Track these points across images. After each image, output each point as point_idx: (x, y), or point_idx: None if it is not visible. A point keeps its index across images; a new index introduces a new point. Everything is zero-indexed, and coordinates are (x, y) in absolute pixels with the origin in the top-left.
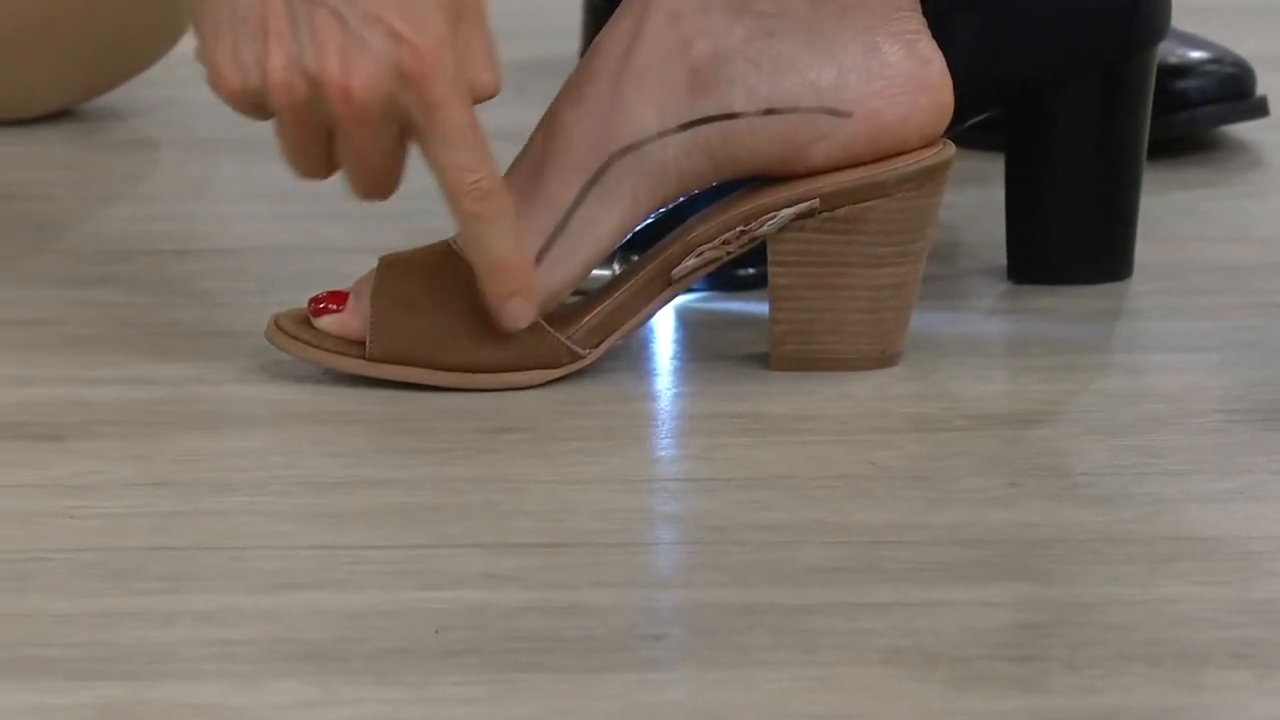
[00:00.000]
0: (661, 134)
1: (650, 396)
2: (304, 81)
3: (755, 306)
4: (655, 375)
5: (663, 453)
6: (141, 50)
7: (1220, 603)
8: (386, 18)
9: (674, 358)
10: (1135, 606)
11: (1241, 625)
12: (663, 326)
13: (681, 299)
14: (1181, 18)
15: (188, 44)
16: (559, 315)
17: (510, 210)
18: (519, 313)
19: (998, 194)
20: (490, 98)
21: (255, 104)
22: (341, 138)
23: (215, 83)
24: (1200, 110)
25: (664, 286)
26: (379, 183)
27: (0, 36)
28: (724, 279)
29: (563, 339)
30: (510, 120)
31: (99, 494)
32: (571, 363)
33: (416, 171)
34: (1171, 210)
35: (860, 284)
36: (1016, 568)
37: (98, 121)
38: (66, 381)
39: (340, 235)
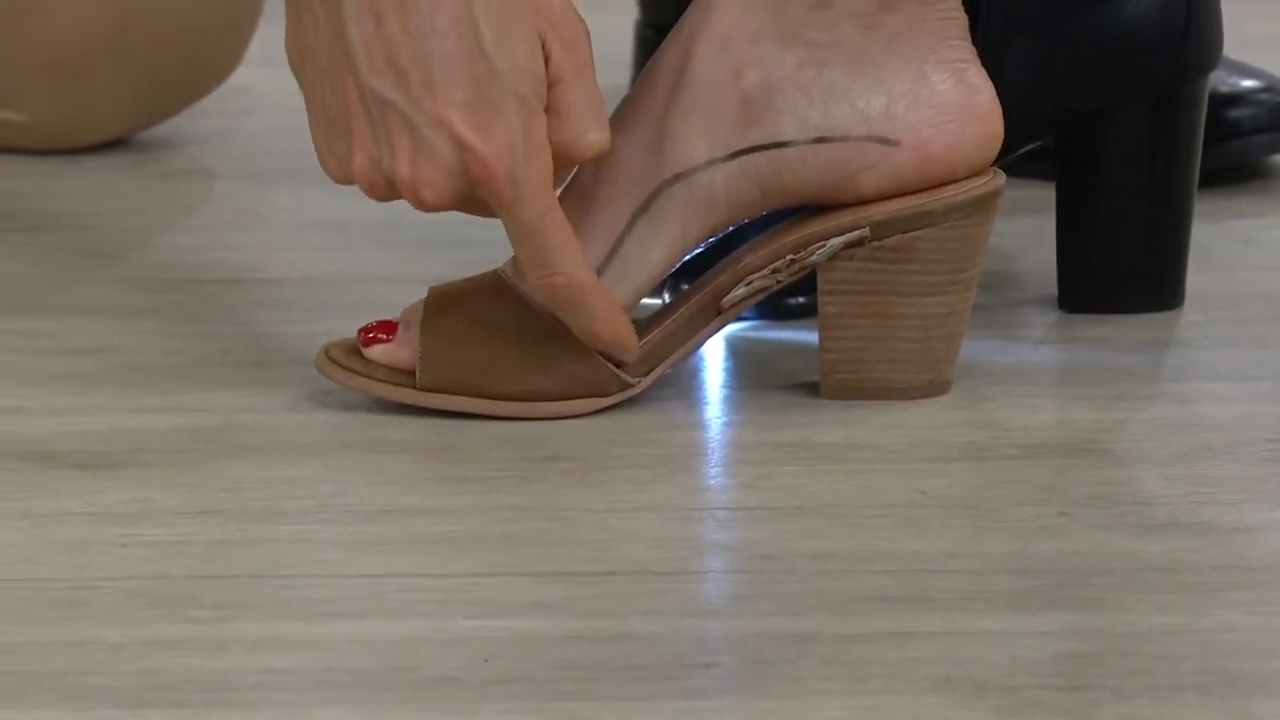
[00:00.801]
0: (711, 163)
1: (700, 425)
2: (384, 182)
3: (805, 335)
4: (705, 404)
5: (712, 481)
6: (197, 80)
7: (1272, 632)
8: (451, 121)
9: (724, 386)
10: (1185, 636)
11: None
12: (712, 355)
13: (731, 328)
14: (1233, 47)
15: (242, 74)
16: None
17: (588, 293)
18: (623, 355)
19: (1048, 223)
20: (597, 154)
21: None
22: None
23: (324, 169)
24: (1252, 139)
25: (714, 315)
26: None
27: (57, 66)
28: (774, 308)
29: (612, 367)
30: None
31: (148, 522)
32: (621, 391)
33: None
34: (1223, 239)
35: (910, 313)
36: (1066, 597)
37: (151, 151)
38: (116, 410)
39: (390, 265)
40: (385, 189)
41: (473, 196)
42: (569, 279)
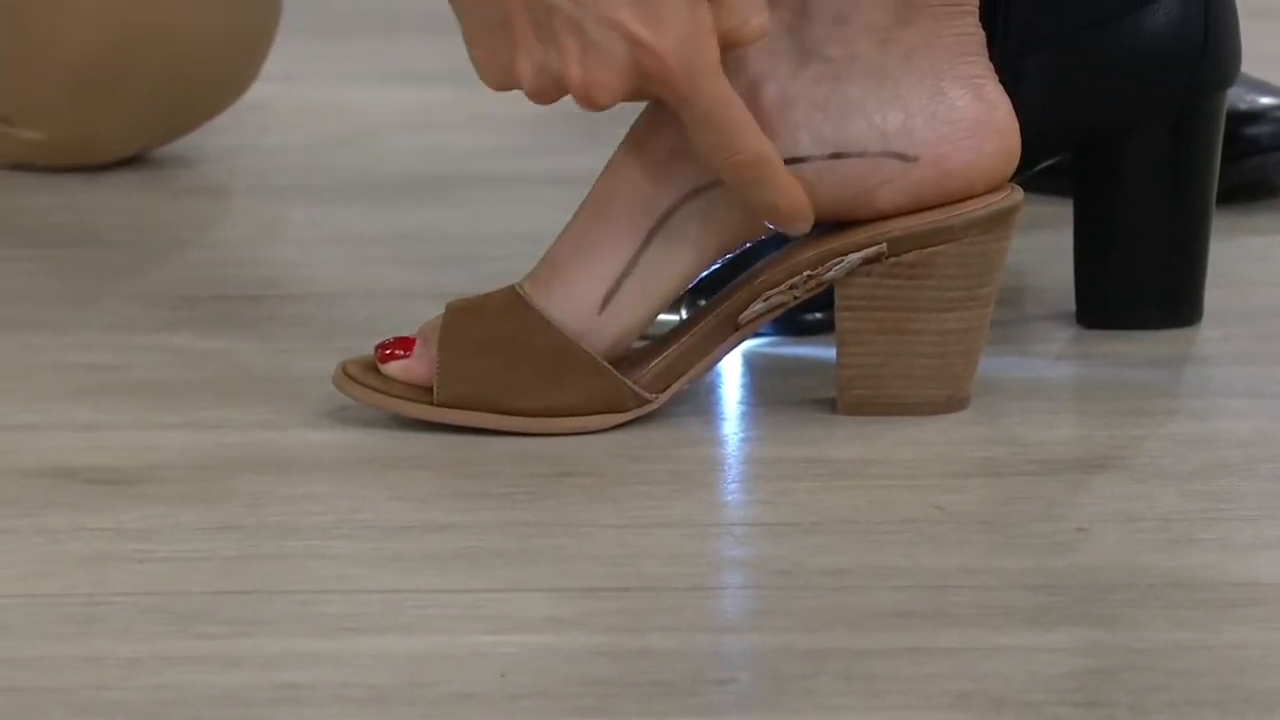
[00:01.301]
0: None
1: (717, 441)
2: (553, 84)
3: (822, 351)
4: (722, 420)
5: (729, 497)
6: (213, 96)
7: None
8: (623, 20)
9: (741, 402)
10: (1203, 652)
11: None
12: (729, 371)
13: (748, 344)
14: (1252, 63)
15: (258, 91)
16: (625, 360)
17: (772, 166)
18: (799, 226)
19: (1066, 239)
20: (760, 38)
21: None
22: None
23: (483, 79)
24: (1271, 156)
25: (731, 331)
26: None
27: (74, 85)
28: (791, 324)
29: (629, 384)
30: (582, 165)
31: (164, 538)
32: (638, 407)
33: (484, 216)
34: (1242, 256)
35: (928, 329)
36: (1084, 613)
37: (167, 168)
38: (134, 426)
39: (407, 280)
40: (554, 92)
41: (643, 91)
42: (753, 155)
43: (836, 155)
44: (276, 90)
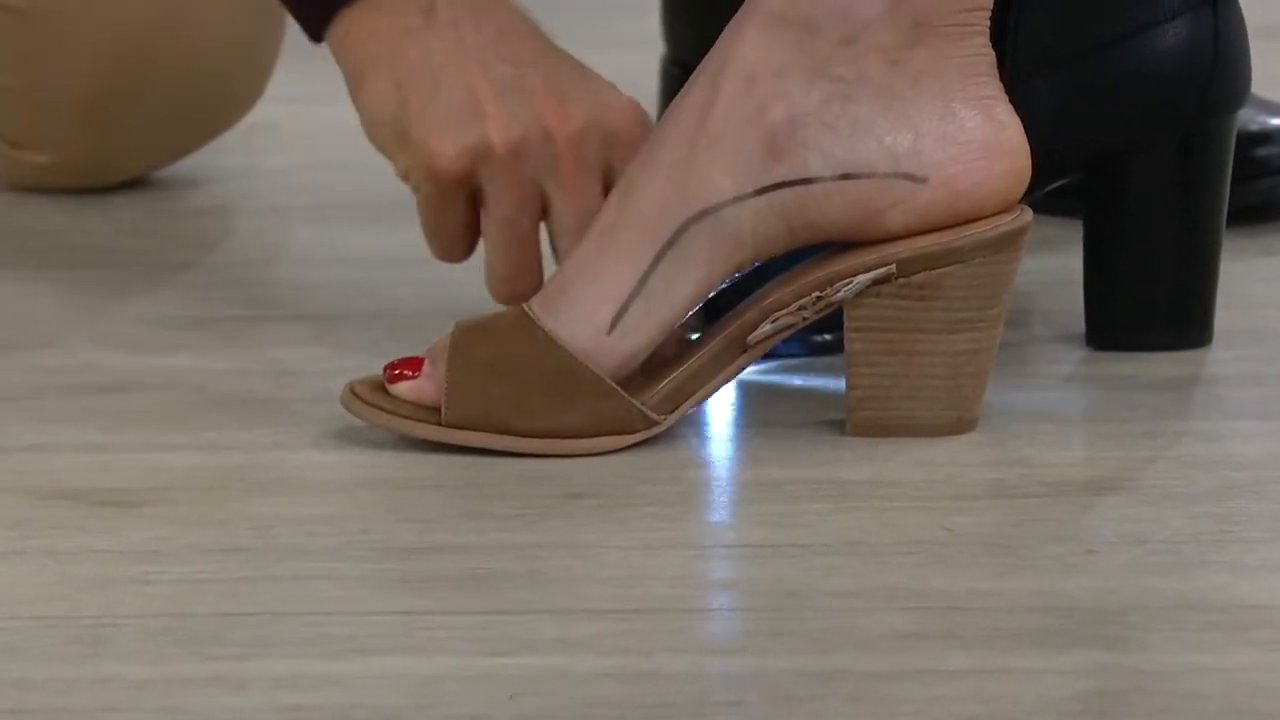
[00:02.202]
0: (737, 199)
1: (725, 462)
2: (524, 124)
3: (831, 372)
4: (730, 441)
5: (738, 519)
6: (218, 116)
7: None
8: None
9: (749, 424)
10: (1212, 675)
11: None
12: (738, 393)
13: (757, 365)
14: (1262, 84)
15: (266, 112)
16: (634, 381)
17: None
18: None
19: (1075, 260)
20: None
21: (465, 179)
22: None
23: (434, 165)
24: None
25: (740, 352)
26: (527, 256)
27: (79, 108)
28: (800, 345)
29: (638, 405)
30: None
31: (172, 559)
32: (646, 428)
33: None
34: (1252, 277)
35: (937, 350)
36: (1093, 635)
37: (175, 189)
38: (140, 447)
39: (415, 301)
40: (528, 130)
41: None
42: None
43: (846, 176)
44: (285, 111)
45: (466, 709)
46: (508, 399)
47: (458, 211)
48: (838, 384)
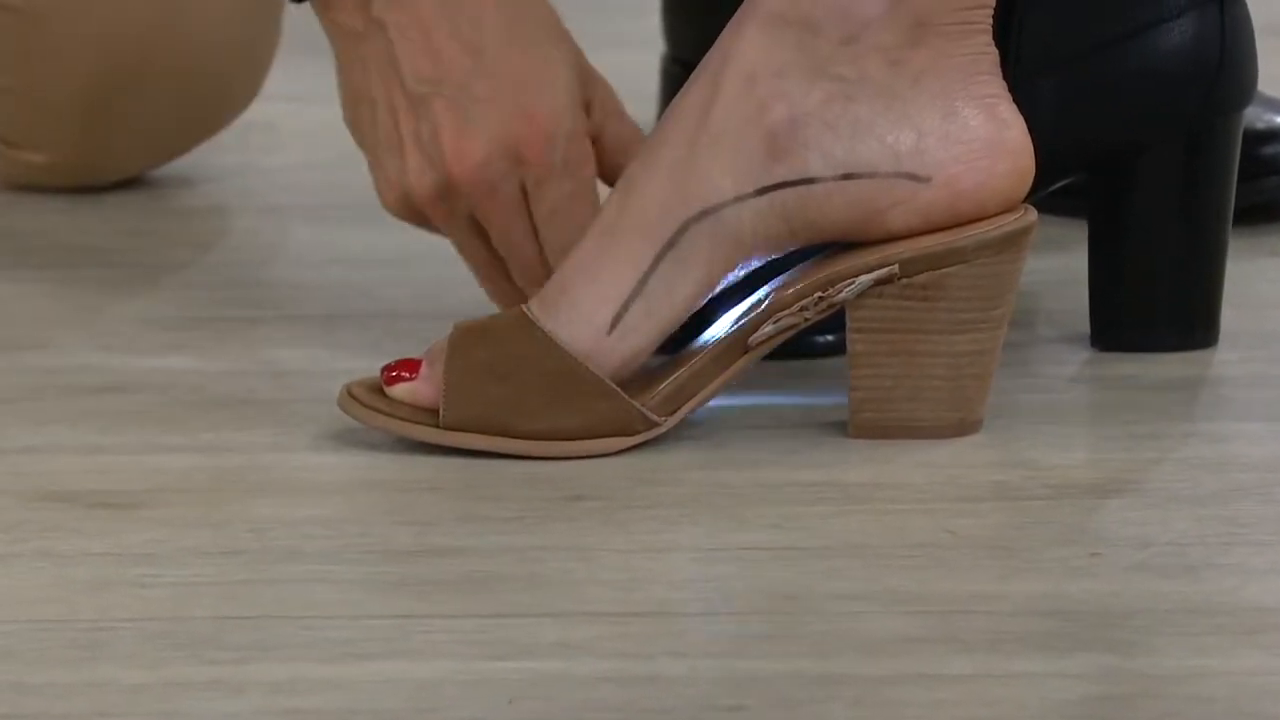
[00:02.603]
0: (738, 199)
1: (726, 464)
2: (433, 176)
3: (833, 374)
4: (731, 443)
5: (739, 521)
6: (215, 114)
7: None
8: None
9: (750, 425)
10: (1219, 679)
11: None
12: (739, 394)
13: (758, 366)
14: (1269, 82)
15: (258, 110)
16: (634, 382)
17: None
18: None
19: (1080, 260)
20: None
21: (418, 215)
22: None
23: (388, 207)
24: None
25: (741, 353)
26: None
27: (75, 107)
28: (802, 346)
29: (638, 406)
30: None
31: (169, 563)
32: (647, 430)
33: None
34: (1258, 277)
35: (940, 351)
36: (1098, 639)
37: (171, 188)
38: (137, 449)
39: (413, 302)
40: (437, 179)
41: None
42: None
43: (847, 176)
44: (282, 110)
45: (465, 713)
46: (507, 400)
47: (455, 234)
48: (839, 385)
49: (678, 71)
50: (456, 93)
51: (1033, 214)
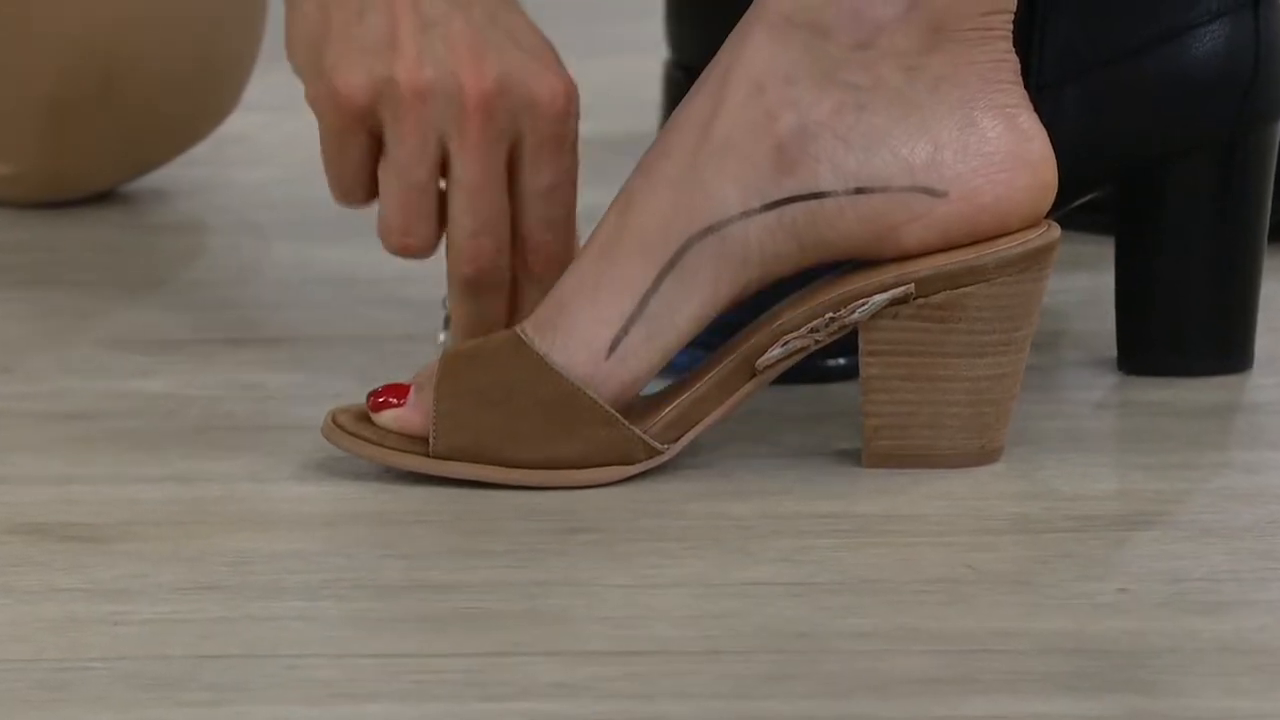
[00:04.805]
0: (744, 214)
1: (732, 495)
2: (435, 71)
3: (845, 399)
4: (738, 472)
5: (746, 555)
6: (188, 127)
7: None
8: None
9: (758, 454)
10: None
11: None
12: (746, 420)
13: (766, 391)
14: None
15: (239, 122)
16: (635, 408)
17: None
18: None
19: (1106, 279)
20: None
21: (360, 116)
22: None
23: (337, 94)
24: None
25: (748, 378)
26: (422, 207)
27: (44, 117)
28: (812, 370)
29: (639, 433)
30: (587, 201)
31: (143, 599)
32: (649, 458)
33: None
34: None
35: (958, 375)
36: (1125, 679)
37: (142, 203)
38: (110, 479)
39: (401, 324)
40: (440, 76)
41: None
42: None
43: (860, 190)
44: (259, 121)
45: None
46: (500, 428)
47: (359, 147)
48: (853, 412)
49: (681, 77)
50: (482, 18)
51: (1056, 230)
